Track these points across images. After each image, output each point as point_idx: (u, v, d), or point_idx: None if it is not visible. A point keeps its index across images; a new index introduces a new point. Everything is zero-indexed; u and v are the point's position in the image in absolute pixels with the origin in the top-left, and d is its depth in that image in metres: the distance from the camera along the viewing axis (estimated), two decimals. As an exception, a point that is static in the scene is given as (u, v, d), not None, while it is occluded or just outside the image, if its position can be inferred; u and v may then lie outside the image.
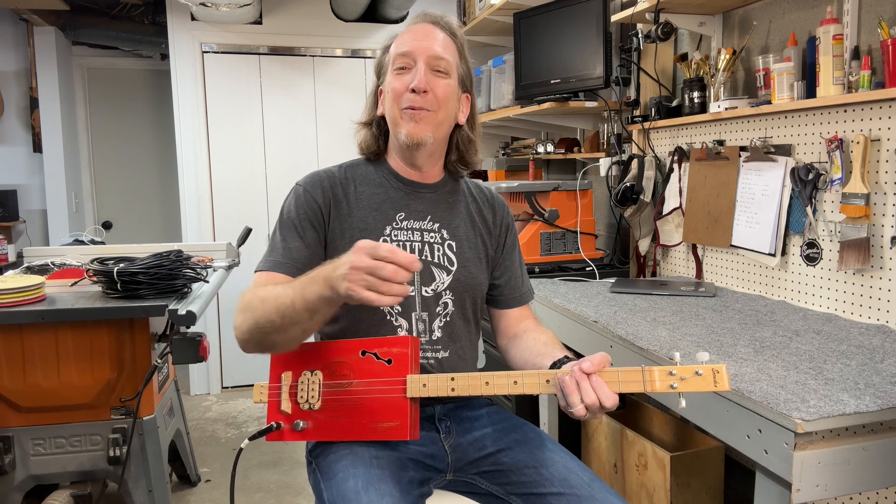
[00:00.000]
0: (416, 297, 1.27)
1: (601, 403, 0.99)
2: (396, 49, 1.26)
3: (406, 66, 1.24)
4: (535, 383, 1.07)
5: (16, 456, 1.96)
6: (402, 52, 1.24)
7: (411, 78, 1.22)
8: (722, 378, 0.95)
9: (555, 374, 1.05)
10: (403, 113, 1.23)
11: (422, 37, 1.25)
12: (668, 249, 2.48)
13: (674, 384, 0.98)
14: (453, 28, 1.30)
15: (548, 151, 3.12)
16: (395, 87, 1.24)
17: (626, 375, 1.01)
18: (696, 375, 0.97)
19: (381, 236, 1.27)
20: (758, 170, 2.00)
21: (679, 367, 0.98)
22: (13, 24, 4.09)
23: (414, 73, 1.23)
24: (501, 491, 1.23)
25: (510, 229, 1.43)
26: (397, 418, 1.14)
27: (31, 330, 1.90)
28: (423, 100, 1.22)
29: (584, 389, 1.00)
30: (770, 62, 1.89)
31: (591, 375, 1.01)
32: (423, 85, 1.21)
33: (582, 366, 1.01)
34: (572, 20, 2.61)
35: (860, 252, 1.66)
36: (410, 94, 1.22)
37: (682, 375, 0.97)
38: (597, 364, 1.01)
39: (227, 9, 3.32)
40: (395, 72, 1.25)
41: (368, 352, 1.19)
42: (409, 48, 1.24)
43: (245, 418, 3.49)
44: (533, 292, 1.47)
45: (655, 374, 0.99)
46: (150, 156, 4.72)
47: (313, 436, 1.20)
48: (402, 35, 1.28)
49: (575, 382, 1.01)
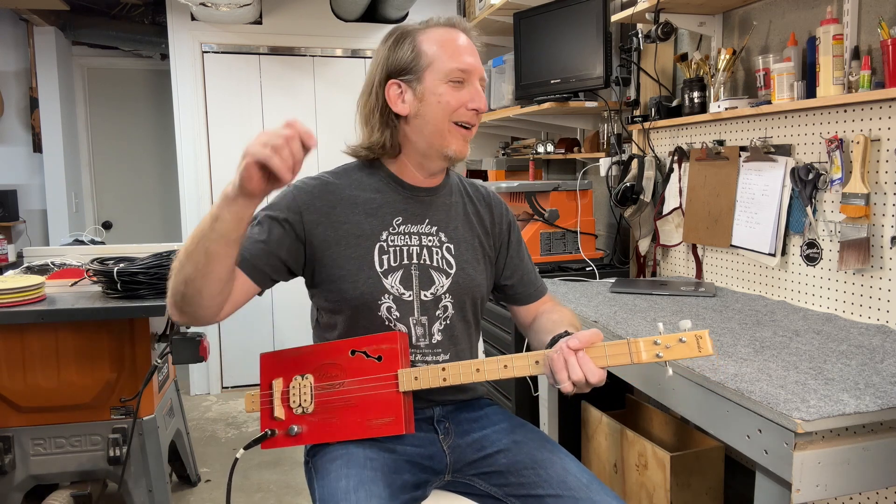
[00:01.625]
0: (416, 302, 1.26)
1: (587, 379, 1.02)
2: (453, 61, 1.22)
3: (462, 80, 1.23)
4: (525, 365, 1.09)
5: (16, 456, 1.96)
6: (461, 68, 1.22)
7: (470, 96, 1.23)
8: (705, 343, 0.98)
9: (544, 355, 1.07)
10: (454, 129, 1.23)
11: (470, 51, 1.25)
12: (668, 249, 2.48)
13: (659, 353, 1.00)
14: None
15: (548, 151, 3.12)
16: (452, 100, 1.22)
17: (612, 349, 1.03)
18: (679, 343, 0.99)
19: (378, 241, 1.25)
20: (758, 170, 2.00)
21: (663, 336, 1.00)
22: (13, 24, 4.09)
23: (471, 90, 1.23)
24: (499, 492, 1.23)
25: (512, 226, 1.42)
26: (391, 413, 1.15)
27: (31, 330, 1.90)
28: (476, 119, 1.25)
29: (570, 366, 1.02)
30: (770, 62, 1.89)
31: (577, 352, 1.03)
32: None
33: (569, 342, 1.03)
34: (572, 20, 2.61)
35: (860, 252, 1.66)
36: (470, 111, 1.23)
37: (667, 344, 1.00)
38: (584, 341, 1.03)
39: (227, 9, 3.32)
40: (449, 83, 1.22)
41: (358, 350, 1.19)
42: (467, 66, 1.23)
43: (245, 418, 3.49)
44: (546, 286, 1.47)
45: (641, 346, 1.01)
46: (150, 156, 4.72)
47: (309, 439, 1.20)
48: (451, 42, 1.24)
49: (563, 360, 1.03)
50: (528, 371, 1.09)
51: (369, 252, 1.25)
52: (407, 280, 1.26)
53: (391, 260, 1.25)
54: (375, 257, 1.25)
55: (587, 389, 1.04)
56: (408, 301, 1.25)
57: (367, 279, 1.23)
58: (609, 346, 1.03)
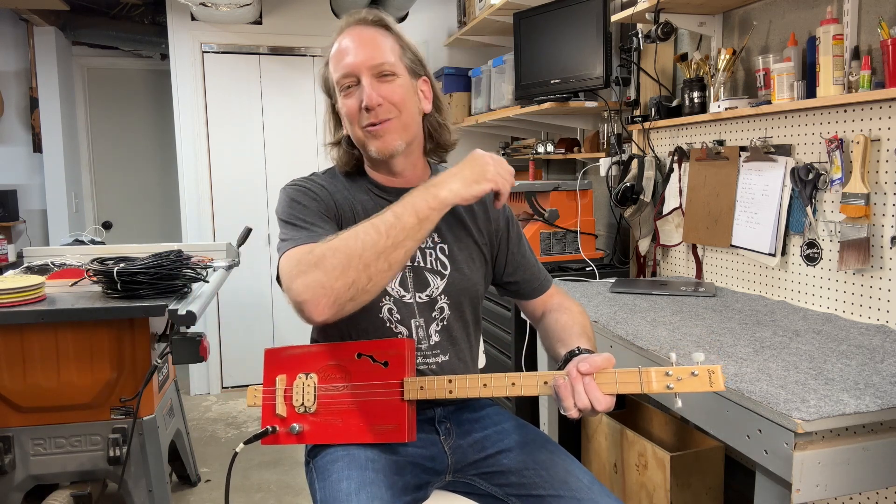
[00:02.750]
0: (414, 303, 1.26)
1: (593, 407, 0.99)
2: (336, 71, 1.21)
3: (351, 84, 1.20)
4: (533, 385, 1.07)
5: (16, 456, 1.96)
6: (343, 74, 1.20)
7: (359, 96, 1.19)
8: (717, 378, 0.96)
9: (552, 376, 1.05)
10: (366, 132, 1.21)
11: (356, 46, 1.20)
12: (668, 249, 2.48)
13: (670, 385, 0.98)
14: (383, 20, 1.25)
15: (548, 151, 3.12)
16: (349, 109, 1.20)
17: (623, 377, 1.01)
18: (691, 376, 0.98)
19: None
20: (758, 170, 2.00)
21: (675, 368, 0.98)
22: (13, 24, 4.09)
23: (360, 90, 1.19)
24: (500, 492, 1.22)
25: (510, 223, 1.39)
26: (394, 421, 1.14)
27: (31, 330, 1.90)
28: (380, 113, 1.19)
29: (577, 393, 1.00)
30: (770, 62, 1.89)
31: (585, 377, 1.00)
32: (374, 101, 1.17)
33: (579, 367, 1.01)
34: (572, 20, 2.61)
35: (860, 252, 1.66)
36: (365, 112, 1.19)
37: (679, 376, 0.98)
38: (595, 366, 1.01)
39: (227, 9, 3.32)
40: (343, 93, 1.21)
41: (364, 354, 1.18)
42: (348, 69, 1.19)
43: (245, 418, 3.49)
44: (551, 279, 1.44)
45: (652, 376, 0.99)
46: (150, 156, 4.72)
47: (310, 439, 1.19)
48: (337, 52, 1.22)
49: (570, 386, 1.01)
50: (536, 391, 1.08)
51: None
52: (404, 282, 1.25)
53: None
54: None
55: (594, 416, 1.03)
56: (408, 303, 1.25)
57: None
58: (620, 373, 1.01)
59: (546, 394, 1.07)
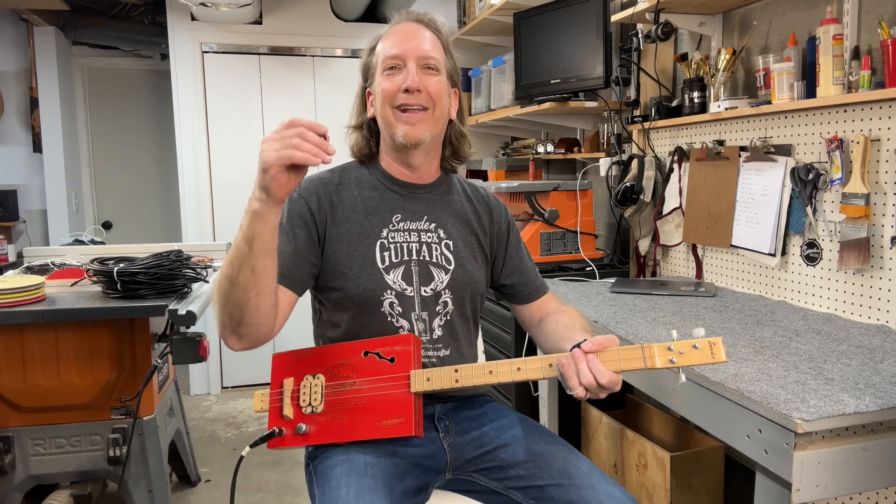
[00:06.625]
0: (416, 297, 1.27)
1: (597, 381, 1.02)
2: (385, 51, 1.26)
3: (396, 66, 1.24)
4: (538, 368, 1.09)
5: (16, 456, 1.96)
6: (391, 55, 1.24)
7: (403, 78, 1.22)
8: (718, 349, 0.99)
9: (556, 358, 1.07)
10: (397, 114, 1.23)
11: (409, 37, 1.25)
12: (668, 249, 2.48)
13: (673, 359, 1.01)
14: (438, 25, 1.30)
15: (548, 151, 3.12)
16: (387, 87, 1.23)
17: (626, 353, 1.03)
18: (693, 349, 1.00)
19: (379, 239, 1.27)
20: (758, 170, 2.00)
21: (677, 343, 1.01)
22: (13, 24, 4.09)
23: (405, 73, 1.22)
24: (500, 486, 1.23)
25: (511, 227, 1.44)
26: (402, 414, 1.14)
27: (31, 330, 1.90)
28: (417, 98, 1.22)
29: (581, 371, 1.03)
30: (770, 62, 1.89)
31: (588, 355, 1.03)
32: (416, 84, 1.21)
33: (583, 346, 1.04)
34: (572, 20, 2.61)
35: (860, 252, 1.66)
36: (403, 93, 1.22)
37: (681, 350, 1.00)
38: (598, 345, 1.04)
39: (227, 9, 3.32)
40: (385, 73, 1.24)
41: (371, 352, 1.19)
42: (398, 50, 1.24)
43: (245, 418, 3.49)
44: (547, 285, 1.47)
45: (655, 351, 1.02)
46: (149, 156, 4.72)
47: (315, 440, 1.19)
48: (389, 36, 1.27)
49: (573, 366, 1.03)
50: (541, 374, 1.09)
51: (371, 249, 1.26)
52: (408, 276, 1.27)
53: (392, 256, 1.27)
54: (377, 254, 1.26)
55: (602, 394, 1.04)
56: (409, 297, 1.26)
57: (370, 276, 1.25)
58: (623, 350, 1.03)
59: (552, 376, 1.09)
